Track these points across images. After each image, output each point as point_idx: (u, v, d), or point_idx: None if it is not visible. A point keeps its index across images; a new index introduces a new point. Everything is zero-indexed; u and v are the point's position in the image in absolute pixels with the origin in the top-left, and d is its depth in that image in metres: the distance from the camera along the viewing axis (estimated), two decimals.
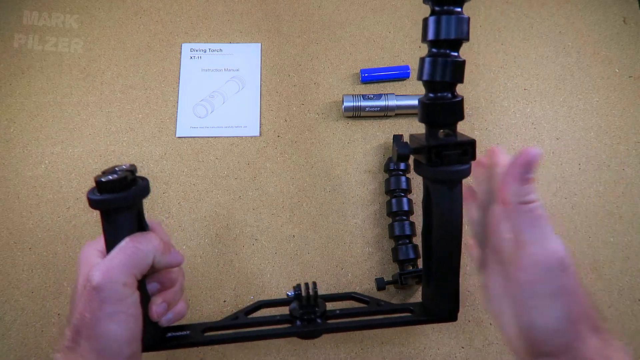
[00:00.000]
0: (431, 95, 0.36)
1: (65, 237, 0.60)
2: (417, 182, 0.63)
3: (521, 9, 0.73)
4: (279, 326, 0.45)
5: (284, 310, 0.46)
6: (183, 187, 0.63)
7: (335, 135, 0.66)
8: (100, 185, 0.35)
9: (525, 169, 0.33)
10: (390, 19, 0.72)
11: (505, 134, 0.66)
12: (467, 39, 0.35)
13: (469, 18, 0.35)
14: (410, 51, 0.70)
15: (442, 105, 0.36)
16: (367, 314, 0.46)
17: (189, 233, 0.61)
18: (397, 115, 0.66)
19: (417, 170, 0.40)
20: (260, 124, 0.66)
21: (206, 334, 0.43)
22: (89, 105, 0.67)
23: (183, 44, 0.71)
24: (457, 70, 0.35)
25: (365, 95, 0.65)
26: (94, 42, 0.70)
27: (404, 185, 0.60)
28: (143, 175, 0.39)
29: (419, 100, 0.38)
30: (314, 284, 0.44)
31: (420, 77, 0.37)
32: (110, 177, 0.35)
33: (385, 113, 0.65)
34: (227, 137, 0.66)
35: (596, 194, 0.63)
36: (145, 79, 0.68)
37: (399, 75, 0.68)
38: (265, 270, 0.59)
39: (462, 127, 0.57)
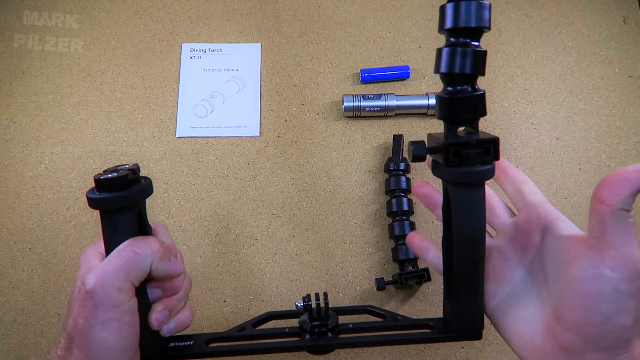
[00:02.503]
0: (449, 89, 0.33)
1: (65, 237, 0.60)
2: None
3: (521, 9, 0.73)
4: (287, 339, 0.42)
5: (295, 322, 0.43)
6: (183, 187, 0.63)
7: (335, 135, 0.66)
8: (99, 184, 0.34)
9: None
10: (390, 19, 0.72)
11: (506, 134, 0.66)
12: (489, 28, 0.32)
13: (490, 4, 0.32)
14: (410, 51, 0.70)
15: (461, 99, 0.33)
16: (383, 328, 0.43)
17: (189, 233, 0.61)
18: (397, 115, 0.66)
19: (435, 172, 0.36)
20: (260, 124, 0.66)
21: (211, 345, 0.41)
22: (89, 105, 0.67)
23: (183, 44, 0.71)
24: (479, 61, 0.32)
25: (365, 95, 0.65)
26: (94, 42, 0.70)
27: (404, 185, 0.60)
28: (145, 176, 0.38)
29: (437, 96, 0.35)
30: (325, 294, 0.41)
31: (437, 70, 0.33)
32: (110, 175, 0.34)
33: (385, 113, 0.65)
34: (227, 137, 0.66)
35: None
36: (145, 79, 0.69)
37: (399, 75, 0.68)
38: (265, 270, 0.59)
39: None
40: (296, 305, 0.43)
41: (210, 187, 0.63)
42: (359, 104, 0.64)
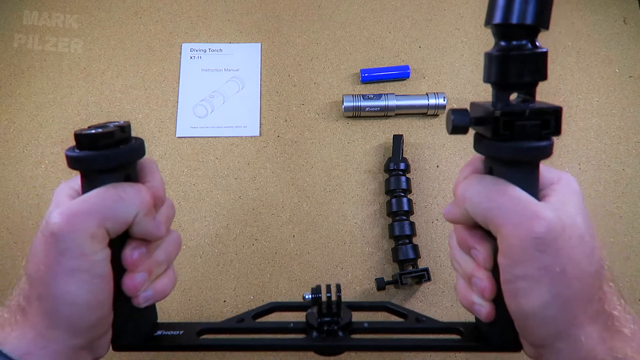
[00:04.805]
0: (503, 44, 0.28)
1: None
2: (417, 182, 0.63)
3: None
4: (291, 336, 0.37)
5: (301, 316, 0.37)
6: (183, 187, 0.63)
7: (335, 135, 0.66)
8: (80, 140, 0.28)
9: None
10: (390, 19, 0.72)
11: None
12: None
13: None
14: (410, 51, 0.70)
15: (518, 58, 0.27)
16: (404, 330, 0.37)
17: (189, 233, 0.61)
18: (397, 115, 0.66)
19: (478, 148, 0.30)
20: (260, 124, 0.66)
21: (203, 337, 0.36)
22: (89, 105, 0.67)
23: (183, 44, 0.71)
24: (543, 10, 0.26)
25: (365, 95, 0.65)
26: (94, 42, 0.70)
27: (404, 185, 0.60)
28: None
29: (485, 54, 0.29)
30: (338, 286, 0.36)
31: (489, 21, 0.28)
32: (93, 131, 0.28)
33: (385, 113, 0.65)
34: (227, 137, 0.66)
35: (596, 194, 0.63)
36: (145, 79, 0.69)
37: (399, 75, 0.68)
38: (265, 270, 0.59)
39: None
40: (304, 298, 0.37)
41: (210, 187, 0.63)
42: (359, 104, 0.64)
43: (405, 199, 0.59)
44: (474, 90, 0.68)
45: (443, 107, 0.65)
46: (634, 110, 0.67)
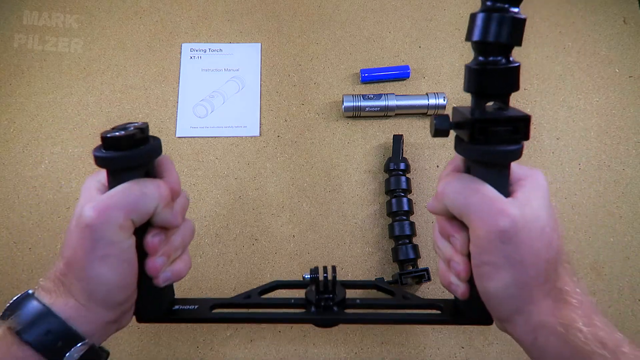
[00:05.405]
0: (481, 59, 0.31)
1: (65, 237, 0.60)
2: (417, 182, 0.63)
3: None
4: (292, 310, 0.42)
5: (301, 293, 0.43)
6: (183, 187, 0.63)
7: (335, 135, 0.66)
8: (106, 142, 0.33)
9: None
10: (390, 19, 0.72)
11: None
12: None
13: None
14: (410, 51, 0.70)
15: (494, 71, 0.31)
16: (391, 306, 0.43)
17: None
18: (397, 115, 0.66)
19: (458, 149, 0.35)
20: (260, 124, 0.66)
21: (215, 311, 0.41)
22: (89, 105, 0.67)
23: (183, 44, 0.71)
24: (517, 30, 0.30)
25: (365, 95, 0.65)
26: (94, 42, 0.70)
27: (404, 185, 0.60)
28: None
29: (466, 66, 0.32)
30: (334, 268, 0.41)
31: (469, 37, 0.31)
32: (117, 134, 0.32)
33: (385, 113, 0.65)
34: (227, 137, 0.66)
35: (596, 194, 0.63)
36: (145, 79, 0.69)
37: (399, 75, 0.68)
38: (265, 270, 0.59)
39: None
40: (303, 277, 0.43)
41: (210, 187, 0.63)
42: (359, 104, 0.64)
43: (405, 199, 0.59)
44: None
45: (443, 107, 0.65)
46: (634, 110, 0.67)
